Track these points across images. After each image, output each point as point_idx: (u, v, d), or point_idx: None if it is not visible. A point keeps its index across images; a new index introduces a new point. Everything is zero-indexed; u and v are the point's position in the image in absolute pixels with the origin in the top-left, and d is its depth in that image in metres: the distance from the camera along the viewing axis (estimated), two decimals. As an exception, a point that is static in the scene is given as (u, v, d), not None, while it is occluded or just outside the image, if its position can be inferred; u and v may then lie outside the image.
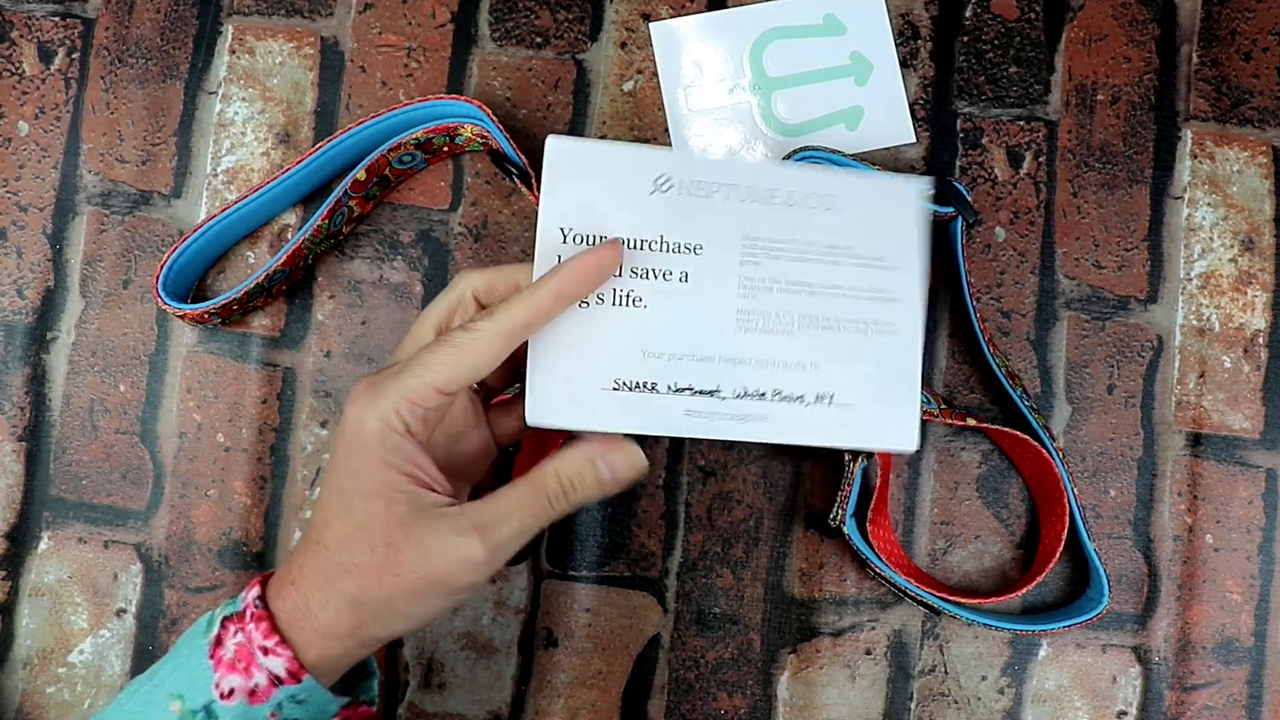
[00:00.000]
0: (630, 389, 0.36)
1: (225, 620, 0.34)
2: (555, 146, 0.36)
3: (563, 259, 0.35)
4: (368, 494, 0.33)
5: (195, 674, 0.33)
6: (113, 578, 0.51)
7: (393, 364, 0.34)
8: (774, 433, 0.36)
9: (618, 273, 0.36)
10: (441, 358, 0.33)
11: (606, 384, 0.36)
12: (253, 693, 0.33)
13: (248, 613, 0.34)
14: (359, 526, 0.33)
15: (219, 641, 0.34)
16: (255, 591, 0.34)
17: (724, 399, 0.36)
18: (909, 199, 0.37)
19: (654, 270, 0.36)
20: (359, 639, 0.34)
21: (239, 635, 0.33)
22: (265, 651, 0.33)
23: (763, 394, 0.36)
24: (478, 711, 0.50)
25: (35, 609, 0.51)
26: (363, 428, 0.33)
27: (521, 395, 0.36)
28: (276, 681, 0.33)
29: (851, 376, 0.36)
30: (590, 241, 0.36)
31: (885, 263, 0.36)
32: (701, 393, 0.36)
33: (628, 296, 0.36)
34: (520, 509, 0.34)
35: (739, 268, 0.36)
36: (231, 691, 0.33)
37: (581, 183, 0.36)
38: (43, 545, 0.51)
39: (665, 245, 0.36)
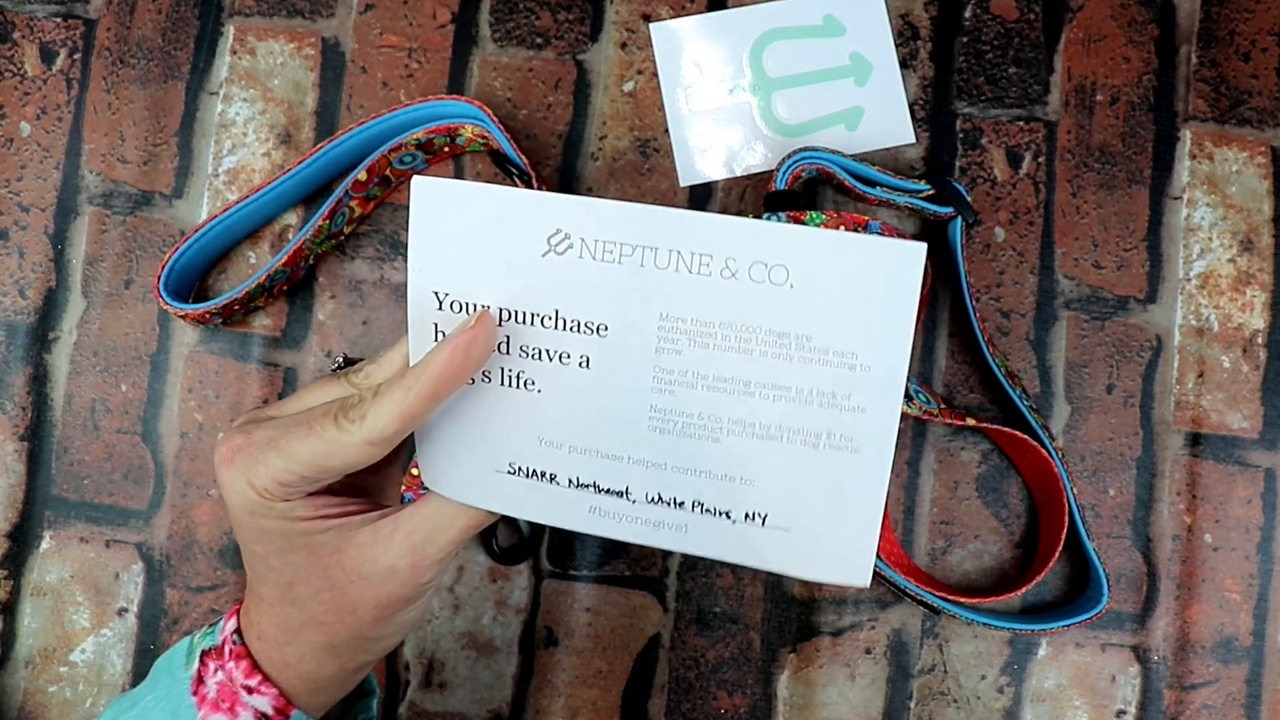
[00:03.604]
0: (526, 475, 0.30)
1: (204, 655, 0.33)
2: (423, 190, 0.28)
3: (440, 329, 0.29)
4: (283, 551, 0.31)
5: (178, 709, 0.32)
6: (114, 577, 0.51)
7: (268, 417, 0.32)
8: (694, 545, 0.30)
9: (504, 349, 0.29)
10: (308, 450, 0.29)
11: (501, 466, 0.31)
12: None
13: (226, 649, 0.33)
14: (290, 584, 0.31)
15: (200, 679, 0.32)
16: (232, 624, 0.33)
17: (634, 502, 0.30)
18: (900, 271, 0.26)
19: (547, 351, 0.29)
20: (349, 671, 0.33)
21: (219, 674, 0.32)
22: (249, 690, 0.32)
23: (681, 503, 0.30)
24: (478, 711, 0.51)
25: (37, 608, 0.51)
26: (245, 497, 0.30)
27: None
28: (264, 719, 0.32)
29: (792, 498, 0.29)
30: (471, 310, 0.29)
31: (854, 360, 0.27)
32: (607, 492, 0.30)
33: (517, 378, 0.29)
34: (455, 520, 0.32)
35: (653, 356, 0.28)
36: None
37: (459, 236, 0.28)
38: (44, 544, 0.51)
39: (561, 322, 0.28)
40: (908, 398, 0.47)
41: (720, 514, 0.29)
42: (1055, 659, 0.50)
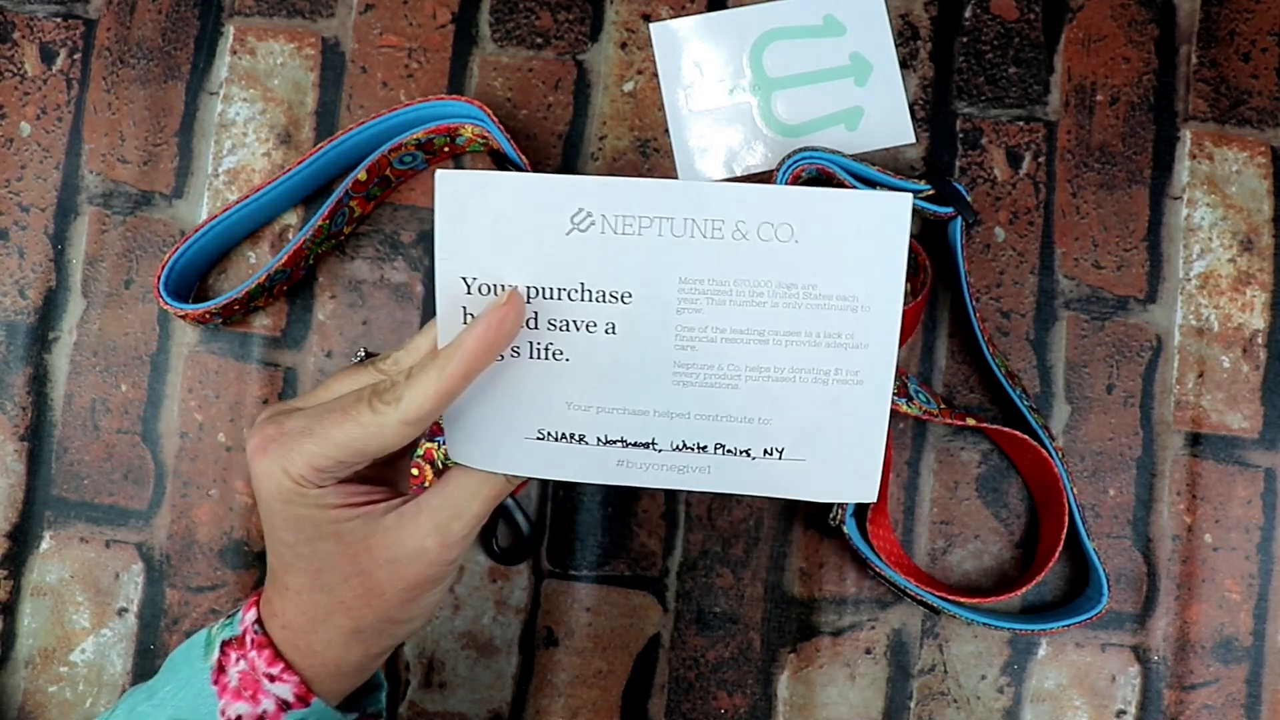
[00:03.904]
0: (555, 439, 0.32)
1: (225, 645, 0.33)
2: (447, 181, 0.30)
3: (469, 312, 0.31)
4: (313, 539, 0.32)
5: (199, 700, 0.33)
6: (114, 577, 0.51)
7: (296, 408, 0.33)
8: (717, 484, 0.33)
9: (533, 324, 0.31)
10: (344, 434, 0.30)
11: (530, 434, 0.32)
12: (261, 718, 0.32)
13: (248, 639, 0.33)
14: (319, 570, 0.32)
15: (221, 668, 0.33)
16: (253, 615, 0.34)
17: (660, 451, 0.32)
18: (890, 219, 0.29)
19: (574, 322, 0.31)
20: (372, 656, 0.34)
21: (241, 662, 0.33)
22: (271, 679, 0.33)
23: (704, 447, 0.32)
24: (478, 711, 0.51)
25: (37, 608, 0.51)
26: (279, 486, 0.31)
27: None
28: (285, 706, 0.33)
29: (806, 430, 0.32)
30: (499, 290, 0.31)
31: (855, 302, 0.30)
32: (635, 445, 0.32)
33: (545, 350, 0.31)
34: (477, 490, 0.33)
35: (675, 317, 0.30)
36: (239, 718, 0.32)
37: (483, 223, 0.30)
38: (44, 544, 0.51)
39: (586, 294, 0.31)
40: (908, 398, 0.47)
41: (741, 453, 0.32)
42: (1055, 659, 0.50)
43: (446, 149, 0.52)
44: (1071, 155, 0.53)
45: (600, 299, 0.31)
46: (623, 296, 0.31)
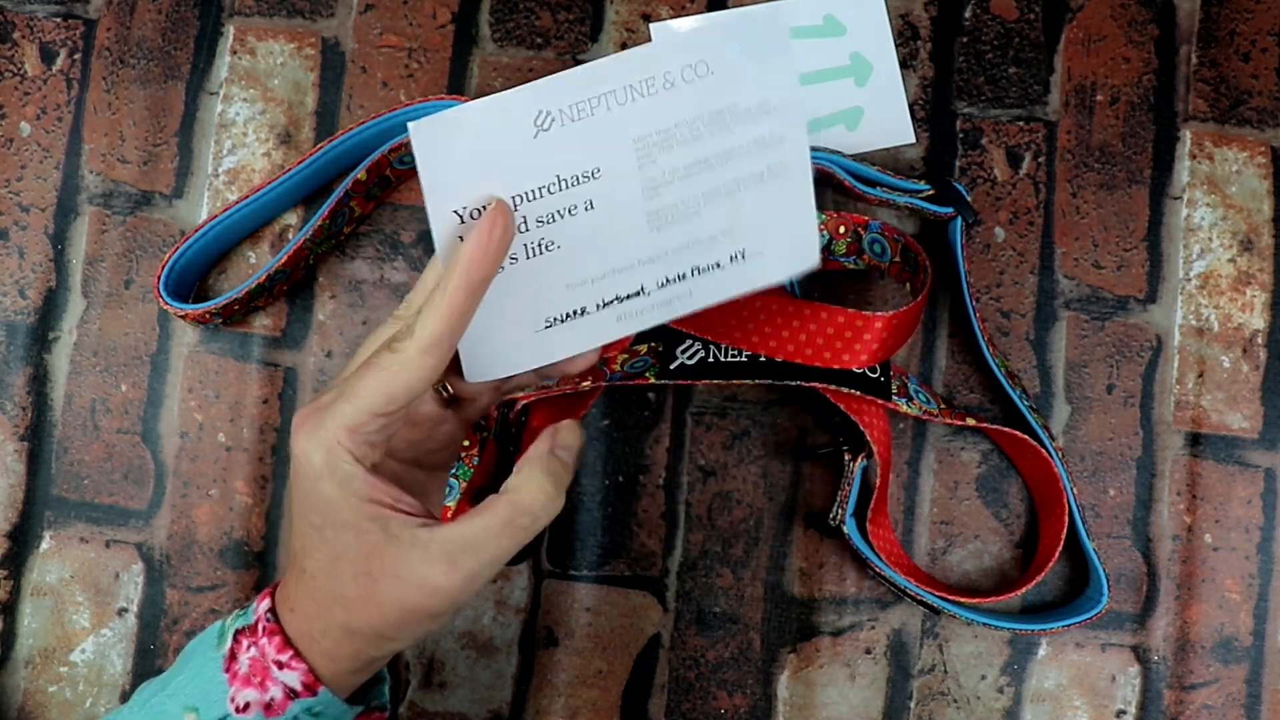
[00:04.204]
0: (561, 321, 0.36)
1: (238, 633, 0.34)
2: (419, 130, 0.33)
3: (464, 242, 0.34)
4: (337, 525, 0.32)
5: (210, 687, 0.33)
6: (114, 577, 0.51)
7: (332, 387, 0.33)
8: (699, 302, 0.37)
9: (524, 228, 0.34)
10: (371, 383, 0.31)
11: (539, 325, 0.36)
12: (269, 706, 0.33)
13: (260, 626, 0.34)
14: (337, 557, 0.32)
15: (233, 655, 0.33)
16: (266, 604, 0.34)
17: (649, 294, 0.36)
18: (769, 26, 0.34)
19: (558, 212, 0.34)
20: (361, 661, 0.34)
21: (252, 649, 0.33)
22: (280, 665, 0.33)
23: (683, 275, 0.36)
24: (478, 710, 0.51)
25: (37, 608, 0.51)
26: (311, 462, 0.32)
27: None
28: (292, 694, 0.33)
29: (757, 227, 0.36)
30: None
31: (767, 104, 0.34)
32: (628, 297, 0.36)
33: (539, 245, 0.35)
34: (497, 532, 0.33)
35: (638, 173, 0.34)
36: (247, 705, 0.33)
37: (461, 156, 0.33)
38: (44, 544, 0.51)
39: (562, 183, 0.34)
40: (908, 398, 0.47)
41: (712, 267, 0.36)
42: (1055, 659, 0.50)
43: (446, 149, 0.52)
44: (1071, 155, 0.53)
45: (575, 182, 0.34)
46: (593, 173, 0.34)
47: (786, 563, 0.51)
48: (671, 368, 0.47)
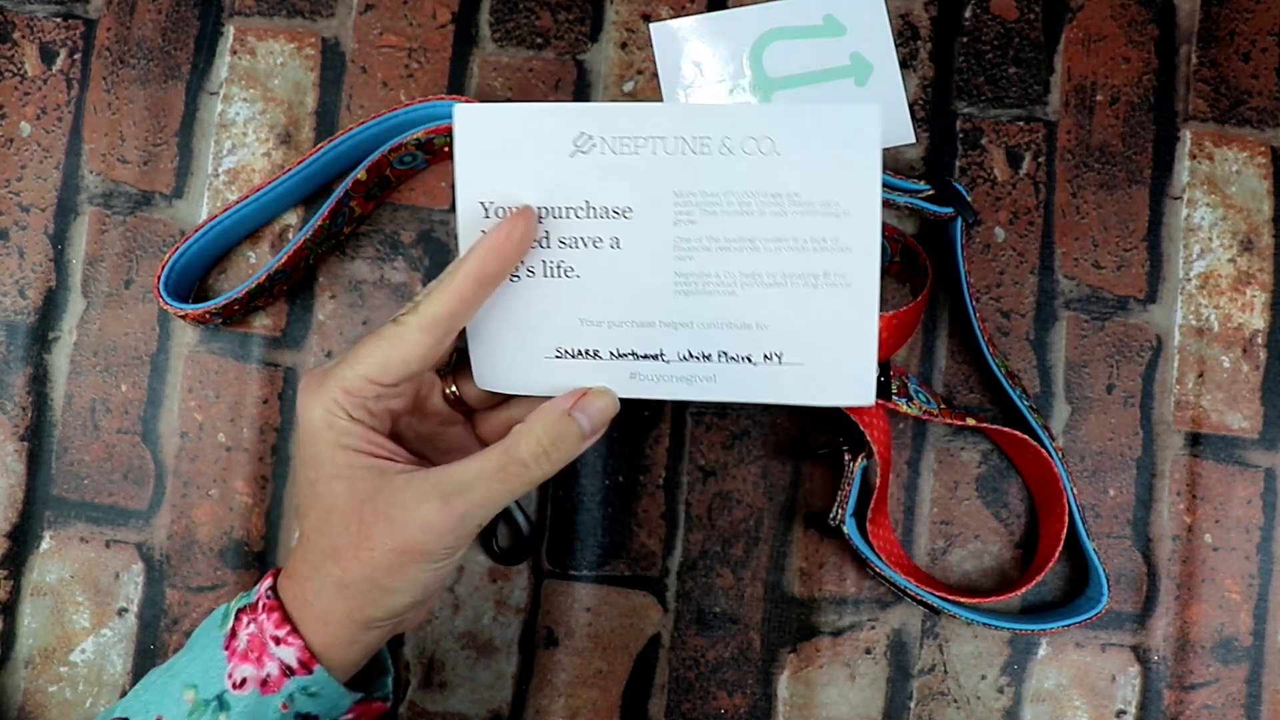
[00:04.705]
0: (572, 356, 0.35)
1: (239, 612, 0.35)
2: (465, 116, 0.33)
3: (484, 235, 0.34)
4: (329, 477, 0.33)
5: (210, 664, 0.34)
6: (114, 577, 0.51)
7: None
8: (723, 392, 0.35)
9: (545, 244, 0.34)
10: (370, 351, 0.33)
11: (549, 353, 0.36)
12: (264, 682, 0.33)
13: (260, 603, 0.34)
14: (329, 510, 0.33)
15: (233, 633, 0.34)
16: (268, 583, 0.35)
17: (668, 362, 0.35)
18: (861, 128, 0.32)
19: (582, 239, 0.34)
20: (358, 622, 0.34)
21: (251, 626, 0.34)
22: (277, 641, 0.33)
23: (708, 356, 0.35)
24: (478, 711, 0.51)
25: (37, 608, 0.51)
26: (310, 418, 0.33)
27: None
28: (288, 671, 0.33)
29: (801, 334, 0.34)
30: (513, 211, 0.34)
31: (837, 207, 0.32)
32: (645, 357, 0.35)
33: (558, 267, 0.34)
34: (489, 476, 0.33)
35: (672, 229, 0.33)
36: (244, 681, 0.33)
37: (497, 151, 0.33)
38: (44, 544, 0.51)
39: (592, 210, 0.33)
40: (908, 398, 0.47)
41: (743, 359, 0.35)
42: (1055, 659, 0.50)
43: (446, 149, 0.52)
44: (1071, 155, 0.53)
45: (604, 215, 0.33)
46: (624, 212, 0.33)
47: (786, 563, 0.51)
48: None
